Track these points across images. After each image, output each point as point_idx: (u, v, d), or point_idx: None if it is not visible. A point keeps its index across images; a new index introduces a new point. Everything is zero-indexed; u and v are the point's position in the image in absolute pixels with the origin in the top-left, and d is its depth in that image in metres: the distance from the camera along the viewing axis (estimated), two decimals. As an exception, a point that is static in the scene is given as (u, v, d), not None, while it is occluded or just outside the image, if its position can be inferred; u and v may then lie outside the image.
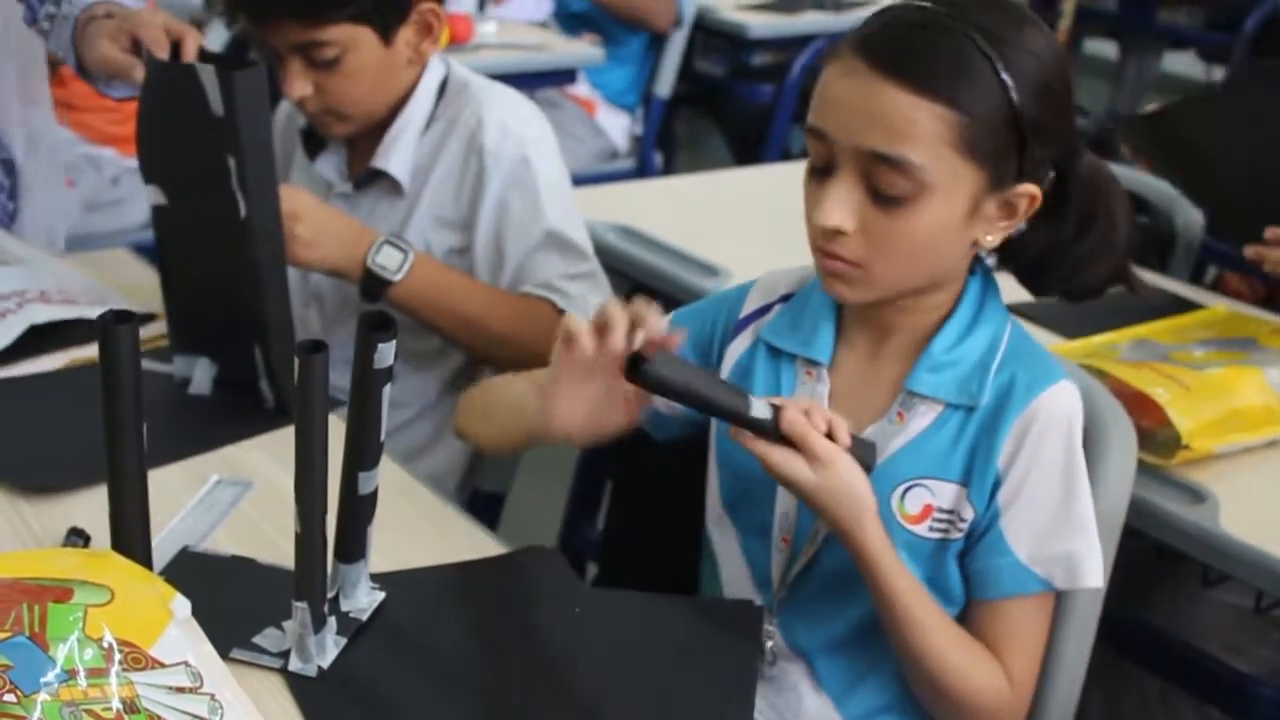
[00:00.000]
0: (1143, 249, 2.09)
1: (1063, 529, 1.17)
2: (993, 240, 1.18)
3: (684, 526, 1.40)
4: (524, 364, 1.59)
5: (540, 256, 1.71)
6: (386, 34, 1.68)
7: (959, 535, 1.20)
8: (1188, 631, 1.58)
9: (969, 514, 1.19)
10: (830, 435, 1.12)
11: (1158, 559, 1.60)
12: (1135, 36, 5.48)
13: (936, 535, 1.21)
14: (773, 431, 1.11)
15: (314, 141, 1.83)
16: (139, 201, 3.02)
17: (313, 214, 1.62)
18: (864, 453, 1.17)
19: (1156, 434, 1.43)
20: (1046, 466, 1.17)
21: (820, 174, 1.16)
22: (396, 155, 1.75)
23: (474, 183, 1.72)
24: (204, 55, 1.47)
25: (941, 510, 1.21)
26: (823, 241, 1.16)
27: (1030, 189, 1.15)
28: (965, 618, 1.22)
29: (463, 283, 1.72)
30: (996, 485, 1.18)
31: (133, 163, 3.00)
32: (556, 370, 1.17)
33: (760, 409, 1.11)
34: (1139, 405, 1.41)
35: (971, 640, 1.20)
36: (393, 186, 1.76)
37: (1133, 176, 2.20)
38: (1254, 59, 4.72)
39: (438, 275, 1.70)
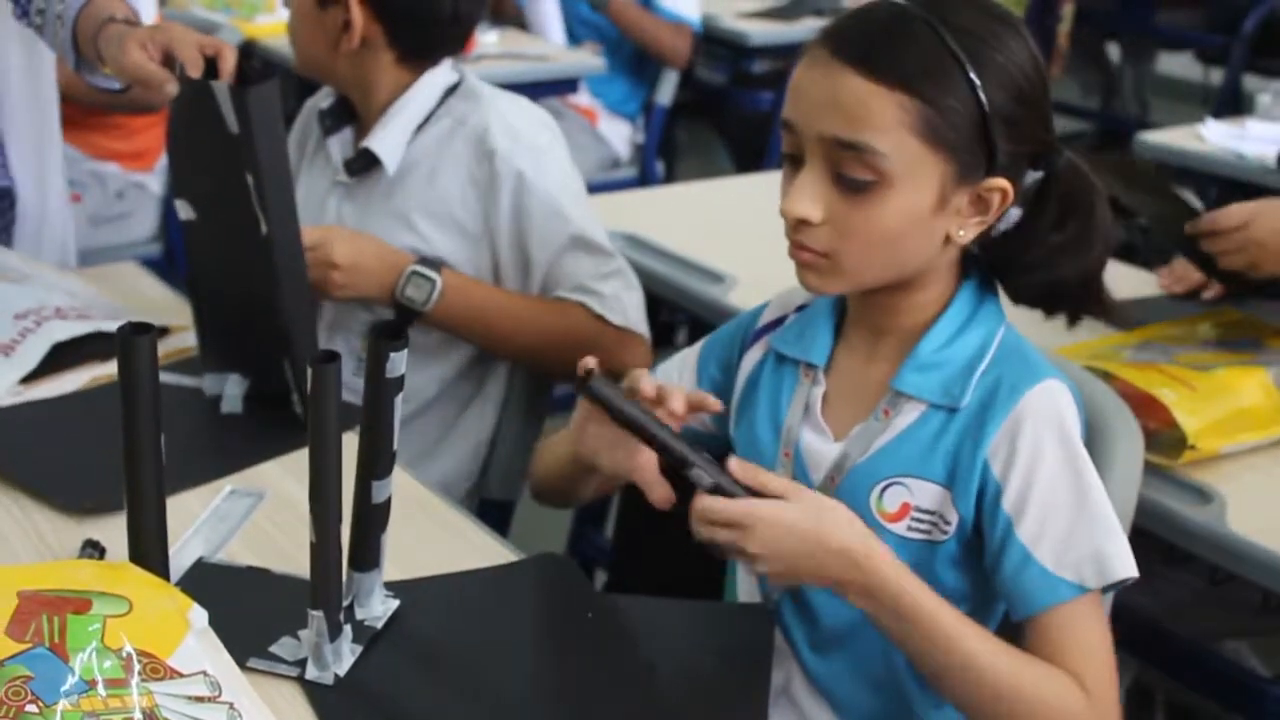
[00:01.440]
0: (1143, 251, 2.10)
1: (1083, 528, 1.14)
2: (965, 235, 1.16)
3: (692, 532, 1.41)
4: (560, 369, 1.61)
5: (569, 259, 1.73)
6: None
7: (944, 538, 1.19)
8: (1196, 632, 1.59)
9: (953, 517, 1.18)
10: None
11: (1165, 559, 1.61)
12: (1133, 38, 5.49)
13: (918, 536, 1.19)
14: (708, 480, 1.11)
15: (329, 122, 1.85)
16: (144, 215, 3.04)
17: (348, 252, 1.66)
18: None
19: (1163, 435, 1.44)
20: (1051, 468, 1.15)
21: (792, 165, 1.17)
22: (385, 138, 1.77)
23: (486, 189, 1.73)
24: (240, 70, 1.47)
25: (921, 510, 1.19)
26: (792, 232, 1.16)
27: (1001, 183, 1.14)
28: (1018, 641, 1.16)
29: (494, 299, 1.74)
30: (997, 493, 1.15)
31: (137, 177, 3.03)
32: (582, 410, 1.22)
33: (695, 455, 1.11)
34: (1145, 406, 1.42)
35: (1030, 657, 1.13)
36: (385, 176, 1.78)
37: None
38: (1253, 60, 4.74)
39: (468, 296, 1.71)
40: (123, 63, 1.48)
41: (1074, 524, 1.14)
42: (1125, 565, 1.14)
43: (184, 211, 1.52)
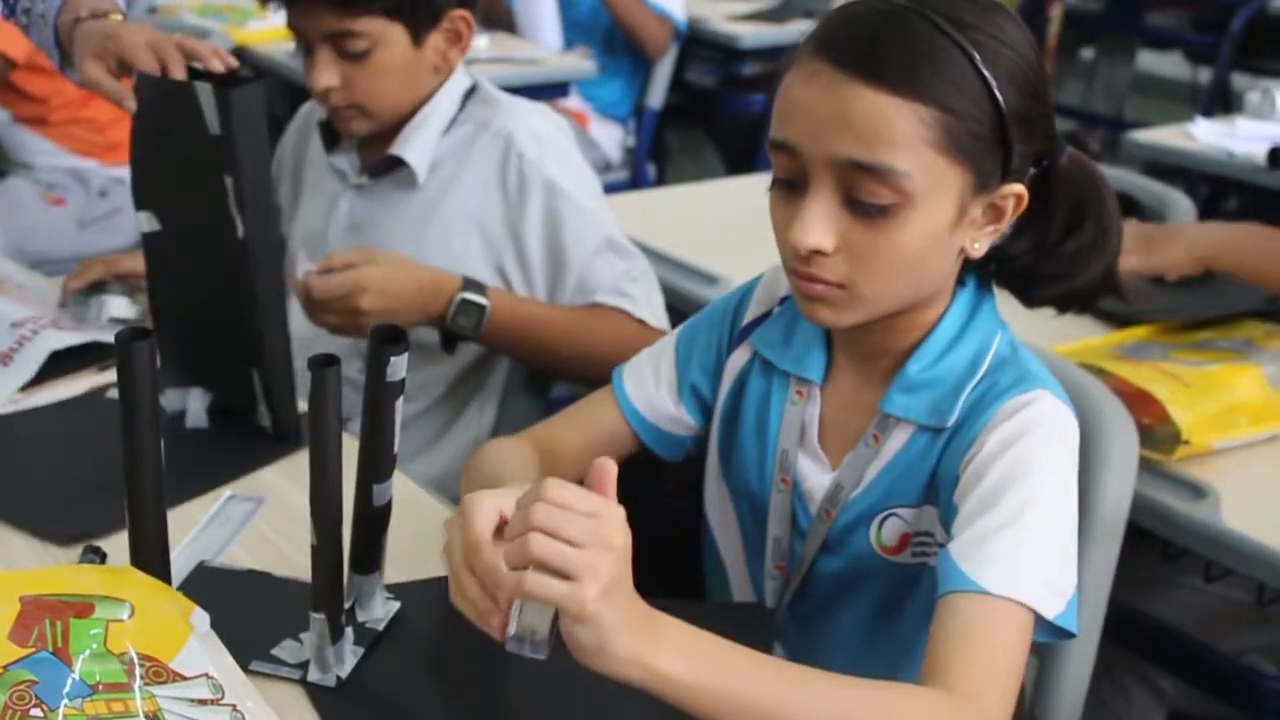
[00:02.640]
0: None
1: (1008, 536, 1.01)
2: (980, 248, 1.09)
3: (693, 535, 1.42)
4: (602, 377, 1.63)
5: (601, 261, 1.73)
6: (418, 35, 1.72)
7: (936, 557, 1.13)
8: (1191, 626, 1.60)
9: (942, 536, 1.11)
10: None
11: (1161, 554, 1.62)
12: (1122, 38, 5.50)
13: (920, 560, 1.16)
14: None
15: (331, 135, 1.85)
16: (130, 214, 2.99)
17: (377, 300, 1.60)
18: None
19: (1157, 431, 1.44)
20: (1003, 470, 1.05)
21: (789, 190, 1.07)
22: (415, 145, 1.77)
23: (514, 193, 1.74)
24: (194, 74, 1.43)
25: (919, 533, 1.15)
26: (800, 264, 1.06)
27: (1016, 188, 1.07)
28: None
29: (538, 314, 1.73)
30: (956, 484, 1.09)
31: (118, 172, 2.98)
32: None
33: None
34: (1139, 402, 1.43)
35: (884, 687, 0.95)
36: (408, 179, 1.78)
37: (1123, 176, 2.22)
38: (1241, 59, 4.76)
39: (514, 315, 1.70)
40: (84, 75, 1.48)
41: (999, 530, 1.02)
42: (1038, 595, 1.00)
43: (146, 224, 1.49)
